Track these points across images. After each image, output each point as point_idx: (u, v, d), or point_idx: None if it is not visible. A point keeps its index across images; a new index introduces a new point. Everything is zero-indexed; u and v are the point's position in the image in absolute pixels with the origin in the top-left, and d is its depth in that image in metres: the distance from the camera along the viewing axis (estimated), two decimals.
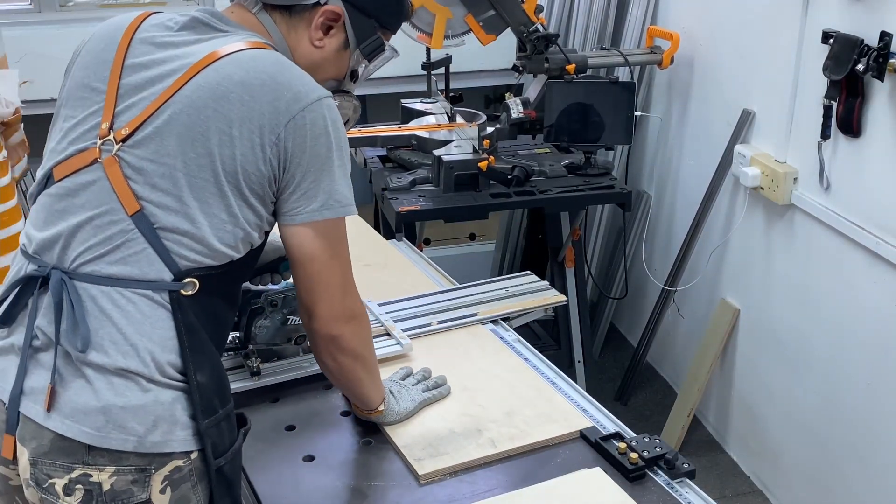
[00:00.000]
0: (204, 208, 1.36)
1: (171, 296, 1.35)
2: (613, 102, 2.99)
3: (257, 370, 1.80)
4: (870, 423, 2.55)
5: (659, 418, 3.39)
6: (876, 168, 2.42)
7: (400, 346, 1.93)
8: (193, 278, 1.36)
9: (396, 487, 1.56)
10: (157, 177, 1.36)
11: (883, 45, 2.30)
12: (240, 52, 1.41)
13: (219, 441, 1.39)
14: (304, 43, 1.52)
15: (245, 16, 1.51)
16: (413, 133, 3.11)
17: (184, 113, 1.36)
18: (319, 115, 1.40)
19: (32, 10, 3.55)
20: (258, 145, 1.37)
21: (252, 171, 1.37)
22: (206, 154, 1.35)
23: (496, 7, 2.96)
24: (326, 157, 1.41)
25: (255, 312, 1.79)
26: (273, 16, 1.51)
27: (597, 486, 1.55)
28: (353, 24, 1.54)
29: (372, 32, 1.57)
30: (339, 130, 1.44)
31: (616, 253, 3.82)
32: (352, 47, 1.56)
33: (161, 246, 1.35)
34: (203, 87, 1.37)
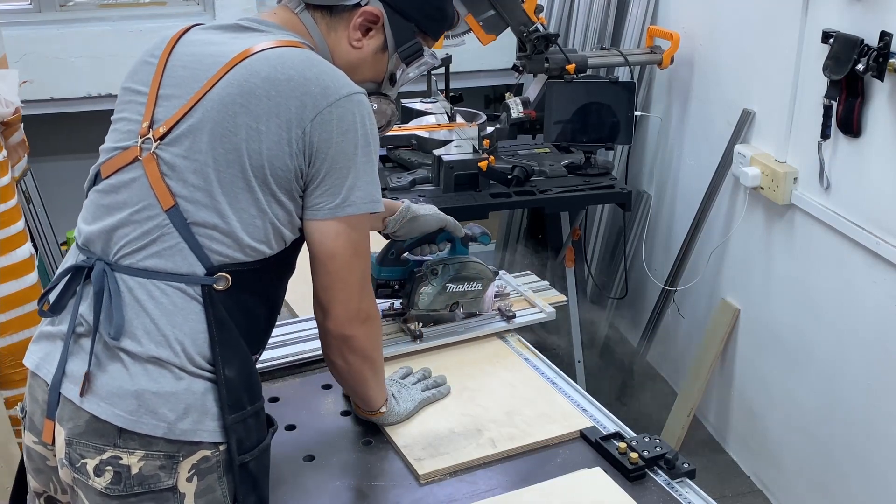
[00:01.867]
0: (233, 203, 1.38)
1: (203, 290, 1.38)
2: (613, 102, 2.99)
3: (420, 334, 1.93)
4: (870, 423, 2.55)
5: (659, 418, 3.39)
6: (876, 168, 2.42)
7: (544, 314, 2.07)
8: (226, 273, 1.38)
9: (396, 487, 1.56)
10: (190, 172, 1.38)
11: (883, 45, 2.30)
12: (269, 50, 1.42)
13: (245, 437, 1.41)
14: (342, 43, 1.54)
15: (287, 16, 1.53)
16: (413, 133, 3.11)
17: (214, 110, 1.39)
18: (348, 111, 1.41)
19: (32, 10, 3.55)
20: (285, 140, 1.38)
21: (279, 165, 1.38)
22: (234, 150, 1.37)
23: (496, 7, 2.96)
24: (353, 153, 1.42)
25: (418, 280, 1.91)
26: (314, 16, 1.53)
27: (597, 486, 1.55)
28: (392, 27, 1.54)
29: (411, 36, 1.57)
30: (369, 127, 1.44)
31: (616, 253, 3.82)
32: (390, 50, 1.57)
33: (194, 241, 1.38)
34: (232, 83, 1.39)
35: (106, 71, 3.42)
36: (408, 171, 3.03)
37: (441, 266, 1.93)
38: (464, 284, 1.95)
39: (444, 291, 1.94)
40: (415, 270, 1.92)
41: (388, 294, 1.95)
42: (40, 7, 3.54)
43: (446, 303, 1.96)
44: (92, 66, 3.43)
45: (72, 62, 3.40)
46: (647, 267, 3.46)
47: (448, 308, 1.97)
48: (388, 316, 1.99)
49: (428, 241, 1.94)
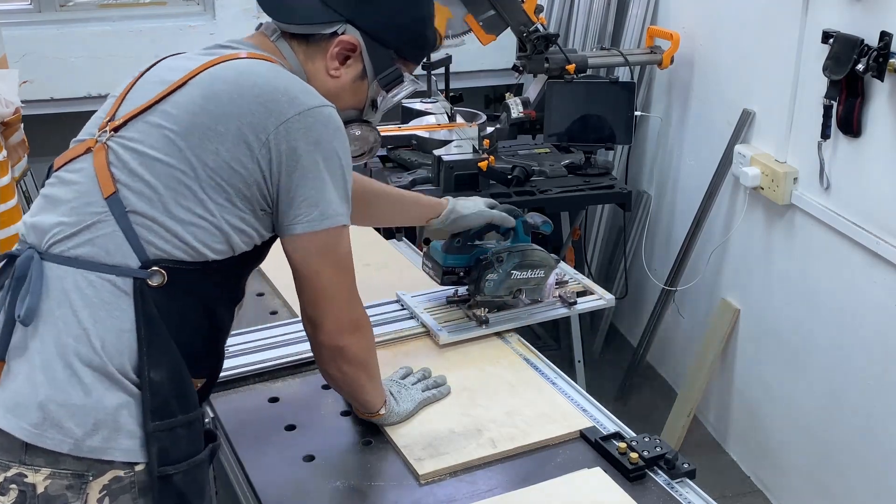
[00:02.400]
0: (180, 200, 1.34)
1: (134, 283, 1.32)
2: (613, 102, 2.99)
3: (486, 319, 1.98)
4: (870, 423, 2.55)
5: (659, 418, 3.39)
6: (876, 168, 2.42)
7: (604, 301, 2.14)
8: (161, 269, 1.33)
9: (396, 487, 1.56)
10: (138, 164, 1.35)
11: (883, 45, 2.30)
12: (238, 60, 1.41)
13: (170, 447, 1.33)
14: (321, 72, 1.51)
15: (264, 42, 1.51)
16: (413, 133, 3.11)
17: (173, 107, 1.36)
18: (318, 122, 1.38)
19: (32, 10, 3.55)
20: (243, 143, 1.34)
21: (238, 169, 1.35)
22: (191, 149, 1.34)
23: (496, 7, 2.97)
24: (324, 166, 1.38)
25: (485, 267, 1.96)
26: (291, 44, 1.51)
27: (597, 486, 1.55)
28: (370, 55, 1.52)
29: (390, 63, 1.55)
30: (339, 140, 1.41)
31: (616, 253, 3.82)
32: (369, 78, 1.54)
33: (131, 230, 1.33)
34: (195, 85, 1.38)
35: (106, 71, 3.41)
36: (408, 171, 3.03)
37: (506, 254, 1.97)
38: (528, 272, 2.00)
39: (509, 278, 1.98)
40: (481, 258, 1.98)
41: (453, 281, 2.02)
42: (40, 7, 3.54)
43: (511, 289, 2.00)
44: (92, 66, 3.43)
45: (72, 62, 3.40)
46: (647, 267, 3.46)
47: (512, 295, 2.02)
48: (452, 302, 2.06)
49: (492, 229, 2.01)
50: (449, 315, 2.03)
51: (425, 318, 2.01)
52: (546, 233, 2.08)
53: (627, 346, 3.86)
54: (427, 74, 3.32)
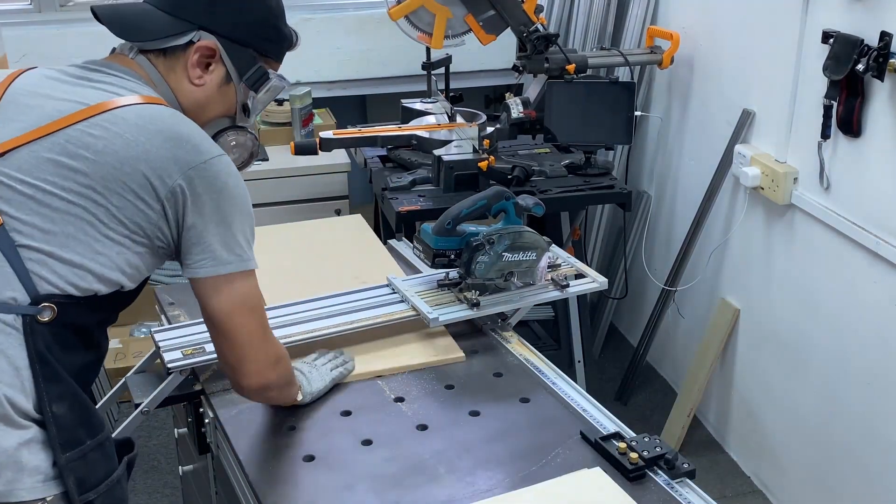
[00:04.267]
0: (80, 237, 1.34)
1: (24, 320, 1.30)
2: (613, 102, 2.99)
3: (476, 302, 1.98)
4: (870, 423, 2.55)
5: (659, 418, 3.39)
6: (876, 168, 2.42)
7: (597, 284, 2.13)
8: (52, 304, 1.31)
9: (396, 487, 1.56)
10: (28, 197, 1.33)
11: (883, 45, 2.30)
12: (138, 105, 1.41)
13: (87, 474, 1.34)
14: (184, 83, 1.52)
15: (125, 61, 1.51)
16: (413, 133, 3.11)
17: (71, 144, 1.35)
18: (221, 171, 1.41)
19: (32, 10, 3.55)
20: (149, 187, 1.36)
21: (143, 208, 1.36)
22: (90, 187, 1.34)
23: (496, 7, 2.96)
24: (229, 211, 1.41)
25: (476, 248, 1.96)
26: (150, 59, 1.51)
27: (597, 486, 1.55)
28: (230, 57, 1.53)
29: (252, 62, 1.56)
30: (240, 187, 1.44)
31: (616, 253, 3.82)
32: (235, 80, 1.55)
33: (20, 265, 1.31)
34: (96, 125, 1.36)
35: None
36: (408, 171, 3.02)
37: (497, 235, 1.97)
38: (519, 254, 1.99)
39: (500, 260, 1.97)
40: (471, 240, 1.97)
41: (444, 264, 2.01)
42: (40, 7, 3.54)
43: (502, 272, 2.00)
44: None
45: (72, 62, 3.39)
46: (647, 267, 3.46)
47: (503, 277, 2.01)
48: (443, 286, 2.06)
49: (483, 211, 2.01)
50: (439, 298, 2.03)
51: (416, 302, 2.01)
52: (538, 214, 2.08)
53: (627, 346, 3.86)
54: (427, 74, 3.32)
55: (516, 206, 2.03)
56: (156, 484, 3.06)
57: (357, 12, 3.79)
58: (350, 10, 3.80)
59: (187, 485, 2.39)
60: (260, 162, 3.50)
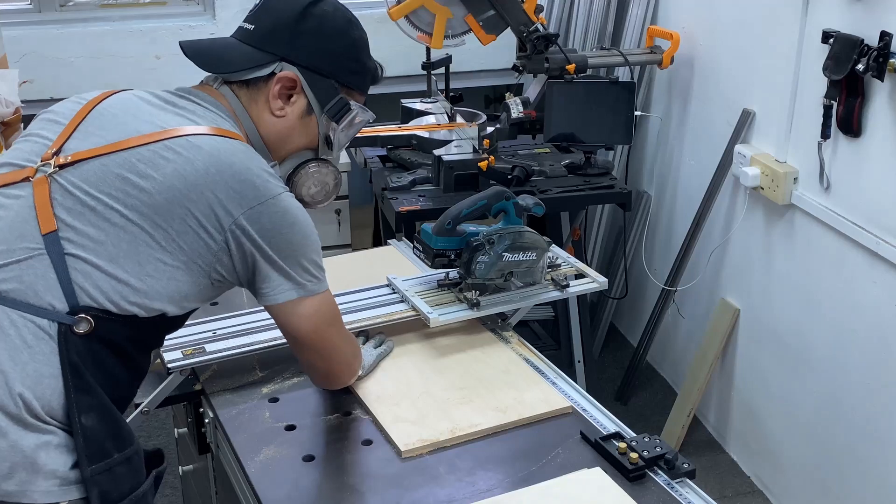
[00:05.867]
0: (131, 255, 1.33)
1: (59, 328, 1.29)
2: (613, 102, 2.99)
3: (476, 301, 1.98)
4: (870, 423, 2.55)
5: (659, 418, 3.39)
6: (876, 168, 2.42)
7: (597, 284, 2.13)
8: (90, 316, 1.30)
9: (396, 487, 1.56)
10: (88, 208, 1.33)
11: (883, 44, 2.30)
12: (213, 136, 1.41)
13: (111, 488, 1.32)
14: (266, 114, 1.53)
15: (210, 91, 1.52)
16: (413, 133, 3.11)
17: (143, 163, 1.35)
18: (280, 209, 1.42)
19: (32, 10, 3.55)
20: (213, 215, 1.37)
21: (204, 237, 1.37)
22: (153, 209, 1.34)
23: (496, 7, 2.96)
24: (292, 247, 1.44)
25: (476, 249, 1.95)
26: (234, 90, 1.52)
27: (597, 486, 1.55)
28: (312, 88, 1.54)
29: (334, 94, 1.56)
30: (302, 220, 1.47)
31: (616, 253, 3.82)
32: (317, 112, 1.56)
33: (65, 274, 1.30)
34: (169, 149, 1.37)
35: (106, 71, 3.41)
36: (408, 171, 3.02)
37: (497, 236, 1.96)
38: (519, 254, 1.98)
39: (500, 261, 1.96)
40: (471, 240, 1.97)
41: (444, 264, 2.00)
42: (40, 7, 3.54)
43: (502, 272, 1.99)
44: (92, 66, 3.42)
45: (72, 62, 3.40)
46: (647, 267, 3.46)
47: (503, 277, 2.01)
48: (443, 286, 2.05)
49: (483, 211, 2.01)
50: (440, 298, 2.03)
51: (416, 302, 2.01)
52: (538, 215, 2.07)
53: (627, 346, 3.86)
54: (427, 74, 3.32)
55: (516, 206, 2.03)
56: None
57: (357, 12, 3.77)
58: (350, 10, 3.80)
59: (187, 485, 2.39)
60: None
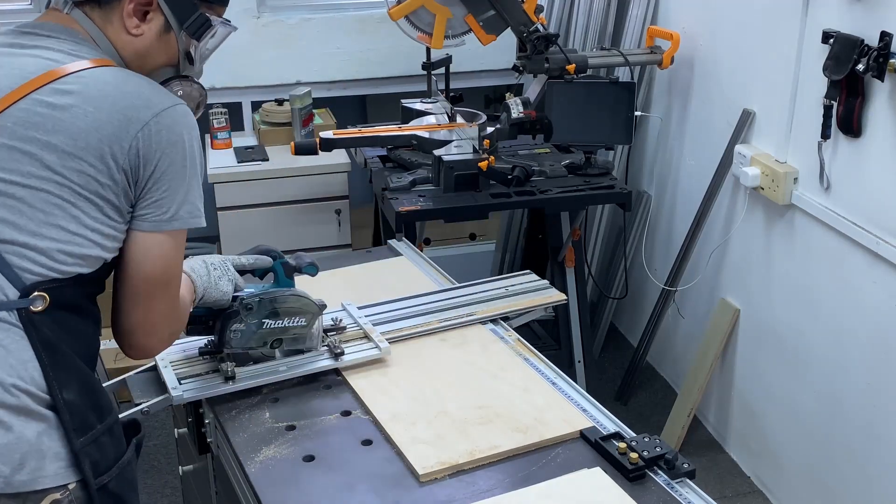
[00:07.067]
0: (49, 220, 1.31)
1: (20, 314, 1.29)
2: (613, 102, 2.99)
3: (232, 375, 1.77)
4: (870, 423, 2.55)
5: (659, 418, 3.39)
6: (876, 168, 2.42)
7: (378, 350, 1.88)
8: (42, 293, 1.30)
9: (396, 487, 1.56)
10: None
11: (883, 45, 2.30)
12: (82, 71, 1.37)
13: (100, 458, 1.34)
14: (122, 34, 1.47)
15: (61, 17, 1.47)
16: (413, 133, 3.11)
17: (20, 126, 1.32)
18: (173, 122, 1.37)
19: (32, 10, 3.55)
20: (108, 155, 1.33)
21: (105, 181, 1.33)
22: (48, 167, 1.31)
23: (496, 7, 2.97)
24: (182, 165, 1.38)
25: (229, 316, 1.74)
26: (85, 11, 1.47)
27: (597, 486, 1.55)
28: (169, 5, 1.48)
29: (193, 10, 1.50)
30: (195, 138, 1.41)
31: (616, 253, 3.82)
32: (175, 29, 1.50)
33: (1, 260, 1.29)
34: (40, 102, 1.33)
35: None
36: (408, 171, 3.03)
37: (257, 301, 1.75)
38: (284, 320, 1.78)
39: (261, 329, 1.76)
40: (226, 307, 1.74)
41: (200, 331, 1.77)
42: (40, 7, 3.54)
43: (265, 340, 1.78)
44: None
45: None
46: (647, 267, 3.46)
47: (269, 345, 1.80)
48: (205, 353, 1.82)
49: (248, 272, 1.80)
50: (193, 369, 1.80)
51: (164, 373, 1.78)
52: (311, 275, 1.85)
53: (627, 346, 3.86)
54: (427, 74, 3.32)
55: (285, 266, 1.81)
56: (156, 484, 3.06)
57: (357, 12, 3.80)
58: (350, 10, 3.81)
59: (187, 485, 2.39)
60: (260, 162, 3.51)
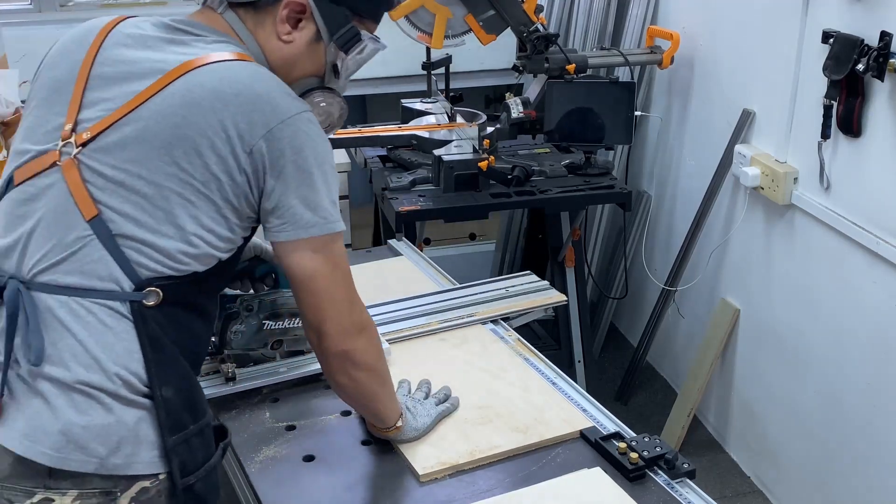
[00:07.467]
0: (170, 219, 1.32)
1: (132, 306, 1.30)
2: (613, 102, 2.99)
3: (232, 376, 1.77)
4: (870, 423, 2.55)
5: (659, 418, 3.39)
6: (876, 168, 2.42)
7: None
8: (156, 288, 1.31)
9: (396, 487, 1.56)
10: (118, 183, 1.31)
11: (883, 44, 2.30)
12: (216, 63, 1.37)
13: (189, 458, 1.34)
14: (272, 39, 1.46)
15: (212, 17, 1.47)
16: (413, 133, 3.11)
17: (152, 120, 1.32)
18: (301, 129, 1.36)
19: (32, 9, 3.55)
20: (230, 155, 1.32)
21: (226, 181, 1.33)
22: (174, 163, 1.31)
23: (496, 7, 2.96)
24: (309, 172, 1.37)
25: (230, 317, 1.75)
26: (239, 14, 1.46)
27: (597, 486, 1.55)
28: (322, 15, 1.47)
29: (345, 21, 1.49)
30: (322, 145, 1.40)
31: (616, 253, 3.82)
32: (325, 39, 1.49)
33: (120, 254, 1.30)
34: (174, 94, 1.33)
35: None
36: (408, 171, 3.03)
37: (257, 302, 1.76)
38: (284, 321, 1.79)
39: (262, 330, 1.77)
40: (227, 307, 1.74)
41: None
42: (40, 7, 3.54)
43: (265, 341, 1.79)
44: None
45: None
46: (647, 267, 3.46)
47: (269, 346, 1.81)
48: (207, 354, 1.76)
49: (246, 271, 1.79)
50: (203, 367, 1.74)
51: None
52: None
53: (627, 346, 3.86)
54: (427, 74, 3.32)
55: None
56: None
57: None
58: None
59: None
60: None
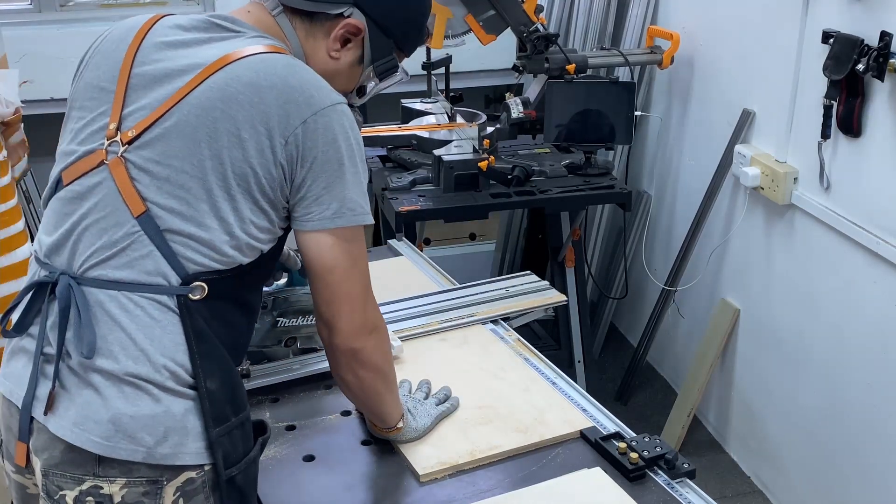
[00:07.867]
0: (213, 212, 1.34)
1: (178, 300, 1.33)
2: (613, 102, 2.99)
3: (247, 372, 1.78)
4: (870, 423, 2.55)
5: (659, 418, 3.39)
6: (876, 168, 2.42)
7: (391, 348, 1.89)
8: (202, 282, 1.34)
9: (396, 487, 1.56)
10: (163, 179, 1.34)
11: (883, 45, 2.30)
12: (252, 56, 1.39)
13: (231, 450, 1.36)
14: (320, 52, 1.50)
15: (262, 17, 1.48)
16: (413, 133, 3.11)
17: (192, 115, 1.35)
18: (334, 121, 1.38)
19: (32, 10, 3.55)
20: (268, 147, 1.35)
21: (263, 174, 1.35)
22: (215, 157, 1.34)
23: (496, 7, 2.97)
24: (340, 163, 1.38)
25: None
26: (292, 20, 1.49)
27: (597, 486, 1.55)
28: (371, 41, 1.52)
29: (388, 52, 1.55)
30: (354, 138, 1.41)
31: (616, 253, 3.82)
32: (366, 63, 1.54)
33: (167, 249, 1.33)
34: (212, 88, 1.35)
35: None
36: (408, 171, 3.03)
37: (271, 299, 1.79)
38: (298, 318, 1.81)
39: (276, 327, 1.80)
40: None
41: None
42: (40, 7, 3.54)
43: (279, 338, 1.82)
44: None
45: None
46: (647, 267, 3.46)
47: (283, 343, 1.83)
48: None
49: None
50: None
51: None
52: None
53: (627, 346, 3.86)
54: (427, 74, 3.32)
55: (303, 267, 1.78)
56: None
57: None
58: None
59: None
60: None
